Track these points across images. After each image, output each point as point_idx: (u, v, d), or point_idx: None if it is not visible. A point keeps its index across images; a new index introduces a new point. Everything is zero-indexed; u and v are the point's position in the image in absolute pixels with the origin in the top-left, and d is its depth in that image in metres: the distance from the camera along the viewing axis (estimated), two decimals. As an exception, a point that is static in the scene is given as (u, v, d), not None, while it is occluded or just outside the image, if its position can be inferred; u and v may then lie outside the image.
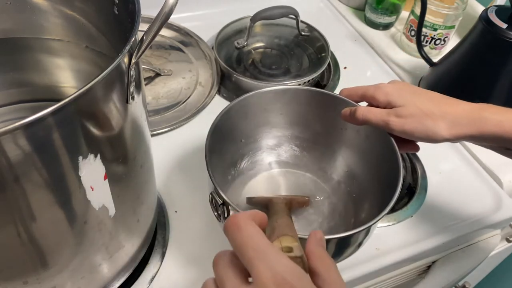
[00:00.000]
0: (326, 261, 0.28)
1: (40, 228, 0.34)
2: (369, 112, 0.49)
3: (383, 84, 0.50)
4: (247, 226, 0.27)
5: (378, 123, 0.49)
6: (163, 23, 0.32)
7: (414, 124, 0.47)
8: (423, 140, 0.48)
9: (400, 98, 0.48)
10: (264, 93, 0.55)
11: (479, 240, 0.70)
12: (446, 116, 0.46)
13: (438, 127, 0.46)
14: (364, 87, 0.52)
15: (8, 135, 0.26)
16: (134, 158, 0.40)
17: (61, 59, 0.50)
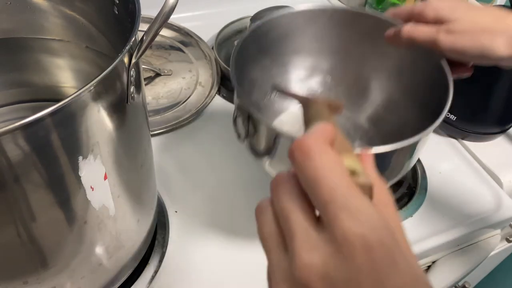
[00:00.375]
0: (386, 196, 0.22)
1: (40, 228, 0.34)
2: (415, 29, 0.44)
3: (432, 0, 0.45)
4: (323, 154, 0.20)
5: (425, 40, 0.43)
6: (163, 23, 0.32)
7: (467, 41, 0.41)
8: (476, 60, 0.43)
9: (452, 12, 0.42)
10: (298, 14, 0.49)
11: (479, 240, 0.70)
12: (506, 32, 0.40)
13: (495, 44, 0.40)
14: (410, 5, 0.46)
15: (8, 135, 0.26)
16: (134, 158, 0.40)
17: (61, 59, 0.50)
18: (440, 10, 0.43)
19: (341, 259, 0.18)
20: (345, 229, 0.18)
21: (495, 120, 0.72)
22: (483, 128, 0.73)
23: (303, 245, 0.19)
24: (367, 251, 0.18)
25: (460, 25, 0.42)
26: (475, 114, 0.71)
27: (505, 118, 0.72)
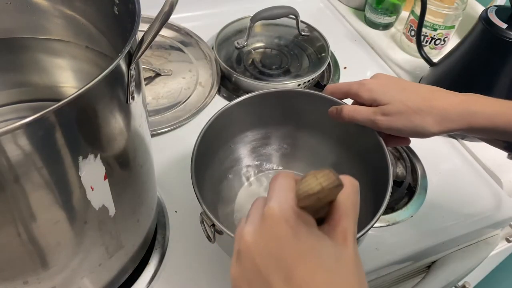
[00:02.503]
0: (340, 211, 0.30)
1: (40, 228, 0.34)
2: (354, 111, 0.48)
3: (366, 81, 0.49)
4: (281, 178, 0.31)
5: (364, 122, 0.48)
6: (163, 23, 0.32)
7: (402, 122, 0.46)
8: (411, 136, 0.48)
9: (385, 95, 0.47)
10: (244, 101, 0.54)
11: (479, 240, 0.70)
12: (433, 111, 0.45)
13: (426, 123, 0.45)
14: (347, 84, 0.51)
15: (8, 135, 0.26)
16: (134, 158, 0.40)
17: (61, 59, 0.50)
18: (374, 92, 0.48)
19: (262, 226, 0.29)
20: (268, 208, 0.29)
21: (495, 120, 0.72)
22: (483, 128, 0.73)
23: (249, 220, 0.30)
24: (274, 222, 0.28)
25: (394, 107, 0.46)
26: (475, 114, 0.71)
27: (505, 118, 0.72)
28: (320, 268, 0.27)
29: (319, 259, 0.27)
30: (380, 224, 0.61)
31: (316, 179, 0.28)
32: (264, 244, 0.28)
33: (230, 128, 0.56)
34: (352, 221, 0.30)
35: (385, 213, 0.62)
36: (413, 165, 0.69)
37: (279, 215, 0.28)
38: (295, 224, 0.28)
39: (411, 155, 0.70)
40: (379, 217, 0.44)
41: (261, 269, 0.28)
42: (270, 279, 0.27)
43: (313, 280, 0.27)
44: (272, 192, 0.30)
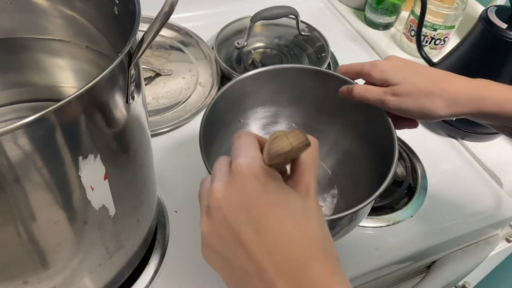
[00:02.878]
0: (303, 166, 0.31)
1: (40, 228, 0.34)
2: (365, 90, 0.49)
3: (378, 61, 0.50)
4: (245, 136, 0.32)
5: (374, 102, 0.48)
6: (163, 23, 0.32)
7: (411, 103, 0.46)
8: (420, 118, 0.48)
9: (396, 76, 0.47)
10: (257, 74, 0.54)
11: (479, 240, 0.70)
12: (443, 94, 0.45)
13: (435, 105, 0.45)
14: (360, 64, 0.51)
15: (8, 135, 0.26)
16: (134, 158, 0.40)
17: (61, 59, 0.50)
18: (385, 72, 0.48)
19: (232, 182, 0.30)
20: (236, 165, 0.30)
21: (495, 120, 0.72)
22: (483, 128, 0.73)
23: (216, 177, 0.31)
24: (243, 178, 0.29)
25: (404, 88, 0.46)
26: (475, 114, 0.71)
27: (505, 118, 0.72)
28: (289, 218, 0.29)
29: (287, 210, 0.29)
30: (380, 224, 0.61)
31: (287, 139, 0.29)
32: (234, 199, 0.29)
33: (241, 102, 0.56)
34: (313, 176, 0.31)
35: (385, 213, 0.62)
36: (413, 165, 0.69)
37: (248, 171, 0.29)
38: (264, 179, 0.29)
39: (411, 155, 0.70)
40: (383, 190, 0.45)
41: (231, 222, 0.29)
42: (240, 231, 0.28)
43: (282, 229, 0.28)
44: (237, 150, 0.31)
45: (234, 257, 0.29)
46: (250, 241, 0.28)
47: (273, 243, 0.28)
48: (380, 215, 0.62)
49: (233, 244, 0.29)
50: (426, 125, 0.76)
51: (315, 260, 0.28)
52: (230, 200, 0.29)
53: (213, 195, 0.30)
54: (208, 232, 0.30)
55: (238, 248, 0.29)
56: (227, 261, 0.30)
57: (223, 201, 0.29)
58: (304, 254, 0.28)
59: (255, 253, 0.28)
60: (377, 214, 0.62)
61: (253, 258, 0.28)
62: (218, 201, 0.29)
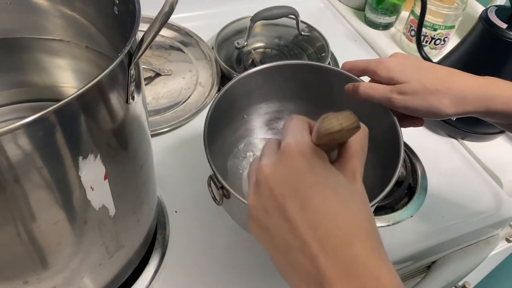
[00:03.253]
0: (351, 151, 0.32)
1: (40, 228, 0.34)
2: (371, 88, 0.48)
3: (385, 59, 0.49)
4: (295, 119, 0.33)
5: (380, 100, 0.48)
6: (163, 23, 0.32)
7: (417, 101, 0.46)
8: (426, 117, 0.47)
9: (402, 74, 0.47)
10: (262, 70, 0.54)
11: (479, 240, 0.70)
12: (450, 92, 0.45)
13: (442, 104, 0.45)
14: (365, 61, 0.51)
15: (8, 135, 0.26)
16: (134, 158, 0.40)
17: (61, 59, 0.50)
18: (392, 70, 0.47)
19: (280, 159, 0.30)
20: (286, 144, 0.31)
21: (495, 120, 0.72)
22: (483, 128, 0.73)
23: (265, 156, 0.32)
24: (291, 155, 0.30)
25: (410, 86, 0.46)
26: (475, 114, 0.71)
27: (505, 118, 0.72)
28: (334, 196, 0.29)
29: (333, 189, 0.29)
30: (380, 224, 0.61)
31: (337, 120, 0.29)
32: (282, 175, 0.30)
33: (245, 97, 0.56)
34: (360, 162, 0.32)
35: (385, 213, 0.62)
36: (413, 165, 0.69)
37: (296, 149, 0.30)
38: (311, 158, 0.30)
39: (411, 155, 0.70)
40: (389, 190, 0.45)
41: (278, 197, 0.30)
42: (286, 206, 0.29)
43: (328, 206, 0.29)
44: (287, 131, 0.32)
45: (279, 231, 0.30)
46: (295, 215, 0.29)
47: (318, 219, 0.28)
48: (380, 215, 0.62)
49: (279, 218, 0.29)
50: (426, 125, 0.76)
51: (359, 239, 0.28)
52: (277, 175, 0.30)
53: (261, 170, 0.31)
54: (255, 206, 0.31)
55: (283, 222, 0.29)
56: (271, 235, 0.30)
57: (270, 176, 0.30)
58: (348, 232, 0.28)
59: (299, 228, 0.28)
60: (377, 214, 0.62)
61: (297, 233, 0.28)
62: (266, 176, 0.30)
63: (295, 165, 0.30)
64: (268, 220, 0.30)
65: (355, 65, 0.52)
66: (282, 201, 0.29)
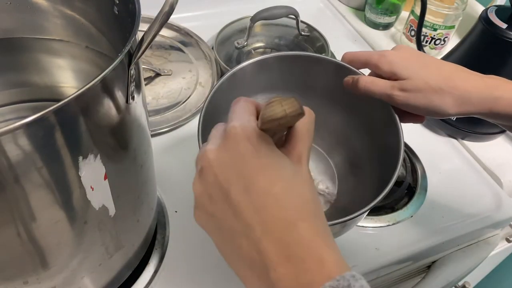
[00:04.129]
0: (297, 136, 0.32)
1: (40, 228, 0.34)
2: (372, 83, 0.47)
3: (387, 52, 0.47)
4: (242, 101, 0.33)
5: (381, 96, 0.46)
6: (163, 23, 0.32)
7: (420, 100, 0.44)
8: (428, 115, 0.46)
9: (405, 70, 0.45)
10: (262, 60, 0.53)
11: (479, 240, 0.70)
12: (454, 92, 0.43)
13: (445, 103, 0.44)
14: (367, 53, 0.49)
15: (8, 135, 0.26)
16: (134, 158, 0.40)
17: (61, 59, 0.50)
18: (394, 65, 0.46)
19: (225, 144, 0.30)
20: (230, 127, 0.30)
21: (495, 120, 0.72)
22: (483, 128, 0.73)
23: (211, 140, 0.31)
24: (236, 140, 0.29)
25: (413, 83, 0.44)
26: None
27: (505, 118, 0.72)
28: (279, 179, 0.29)
29: (277, 172, 0.29)
30: (380, 224, 0.61)
31: (281, 106, 0.29)
32: (226, 160, 0.30)
33: (240, 90, 0.54)
34: (306, 147, 0.32)
35: (385, 213, 0.62)
36: (413, 165, 0.69)
37: (241, 133, 0.30)
38: (256, 142, 0.30)
39: (411, 155, 0.70)
40: (388, 191, 0.44)
41: (222, 182, 0.29)
42: (230, 190, 0.29)
43: (271, 189, 0.28)
44: (233, 114, 0.32)
45: (224, 216, 0.29)
46: (238, 200, 0.28)
47: (261, 202, 0.28)
48: (380, 215, 0.62)
49: (223, 204, 0.29)
50: (426, 125, 0.76)
51: (302, 221, 0.28)
52: (221, 160, 0.30)
53: (205, 155, 0.30)
54: (200, 192, 0.30)
55: (227, 207, 0.29)
56: (216, 222, 0.30)
57: (214, 161, 0.30)
58: (292, 215, 0.28)
59: (243, 212, 0.28)
60: (377, 214, 0.62)
61: (240, 217, 0.28)
62: (210, 162, 0.30)
63: (240, 149, 0.29)
64: (213, 207, 0.30)
65: (356, 56, 0.50)
66: (226, 186, 0.29)
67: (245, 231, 0.28)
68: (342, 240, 0.58)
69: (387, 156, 0.49)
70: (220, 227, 0.30)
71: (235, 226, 0.29)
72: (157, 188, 0.57)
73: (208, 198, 0.30)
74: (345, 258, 0.43)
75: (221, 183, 0.29)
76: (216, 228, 0.30)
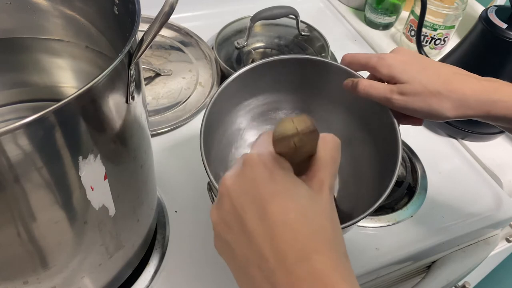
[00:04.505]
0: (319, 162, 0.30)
1: (40, 228, 0.34)
2: (371, 87, 0.47)
3: (386, 55, 0.48)
4: (264, 134, 0.32)
5: (380, 100, 0.47)
6: (163, 23, 0.32)
7: (418, 103, 0.45)
8: (426, 118, 0.47)
9: (404, 74, 0.45)
10: (259, 66, 0.53)
11: (479, 240, 0.70)
12: (452, 96, 0.44)
13: (442, 107, 0.44)
14: (366, 56, 0.49)
15: (8, 135, 0.26)
16: (134, 158, 0.40)
17: (61, 59, 0.50)
18: (393, 69, 0.46)
19: (242, 170, 0.30)
20: (249, 154, 0.30)
21: (495, 120, 0.72)
22: (483, 128, 0.73)
23: (231, 168, 0.31)
24: (252, 166, 0.29)
25: (412, 87, 0.45)
26: (475, 114, 0.71)
27: (505, 118, 0.72)
28: (294, 207, 0.28)
29: (293, 199, 0.28)
30: (380, 224, 0.61)
31: (292, 123, 0.28)
32: (242, 186, 0.29)
33: (241, 92, 0.55)
34: (329, 174, 0.30)
35: (385, 213, 0.62)
36: (413, 165, 0.69)
37: (257, 159, 0.29)
38: (272, 167, 0.29)
39: (411, 155, 0.70)
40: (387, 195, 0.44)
41: (237, 208, 0.29)
42: (245, 218, 0.28)
43: (286, 217, 0.27)
44: (254, 145, 0.32)
45: (239, 245, 0.28)
46: (253, 227, 0.28)
47: (276, 230, 0.27)
48: (380, 215, 0.62)
49: (238, 231, 0.28)
50: (426, 125, 0.76)
51: (317, 253, 0.26)
52: (237, 187, 0.29)
53: (223, 182, 0.30)
54: (216, 220, 0.30)
55: (242, 235, 0.28)
56: (232, 250, 0.29)
57: (231, 188, 0.29)
58: (306, 245, 0.27)
59: (257, 240, 0.27)
60: (377, 214, 0.62)
61: (254, 246, 0.27)
62: (227, 188, 0.29)
63: (256, 175, 0.29)
64: (229, 234, 0.29)
65: (356, 59, 0.50)
66: (242, 212, 0.28)
67: (259, 262, 0.27)
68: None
69: (386, 158, 0.49)
70: (235, 256, 0.29)
71: (249, 255, 0.28)
72: (157, 188, 0.57)
73: (224, 225, 0.29)
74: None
75: (236, 210, 0.29)
76: (232, 257, 0.30)
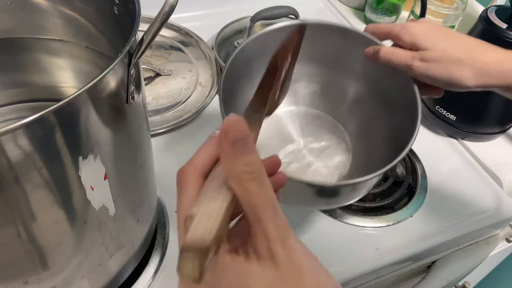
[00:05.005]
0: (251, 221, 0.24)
1: (40, 228, 0.34)
2: (392, 53, 0.47)
3: (410, 24, 0.47)
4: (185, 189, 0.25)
5: (401, 66, 0.46)
6: (163, 23, 0.32)
7: (439, 70, 0.44)
8: (446, 87, 0.46)
9: (426, 41, 0.45)
10: (282, 28, 0.52)
11: (479, 240, 0.70)
12: (474, 64, 0.43)
13: (463, 75, 0.44)
14: (389, 25, 0.49)
15: (8, 135, 0.26)
16: (134, 158, 0.40)
17: (61, 59, 0.50)
18: (416, 36, 0.46)
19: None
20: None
21: (495, 120, 0.72)
22: (483, 128, 0.73)
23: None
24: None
25: (433, 54, 0.45)
26: (475, 114, 0.71)
27: (505, 118, 0.72)
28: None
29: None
30: (380, 224, 0.61)
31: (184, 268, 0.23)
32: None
33: (260, 57, 0.54)
34: (272, 227, 0.23)
35: (385, 213, 0.62)
36: (413, 165, 0.69)
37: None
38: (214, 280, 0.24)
39: (411, 155, 0.70)
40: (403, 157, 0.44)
41: None
42: None
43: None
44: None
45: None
46: None
47: None
48: (380, 215, 0.62)
49: None
50: (426, 125, 0.76)
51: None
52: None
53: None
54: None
55: None
56: None
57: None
58: None
59: None
60: (377, 214, 0.62)
61: None
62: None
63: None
64: None
65: (379, 28, 0.50)
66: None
67: None
68: (342, 240, 0.58)
69: (403, 125, 0.48)
70: None
71: None
72: (157, 188, 0.57)
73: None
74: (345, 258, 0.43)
75: None
76: None
